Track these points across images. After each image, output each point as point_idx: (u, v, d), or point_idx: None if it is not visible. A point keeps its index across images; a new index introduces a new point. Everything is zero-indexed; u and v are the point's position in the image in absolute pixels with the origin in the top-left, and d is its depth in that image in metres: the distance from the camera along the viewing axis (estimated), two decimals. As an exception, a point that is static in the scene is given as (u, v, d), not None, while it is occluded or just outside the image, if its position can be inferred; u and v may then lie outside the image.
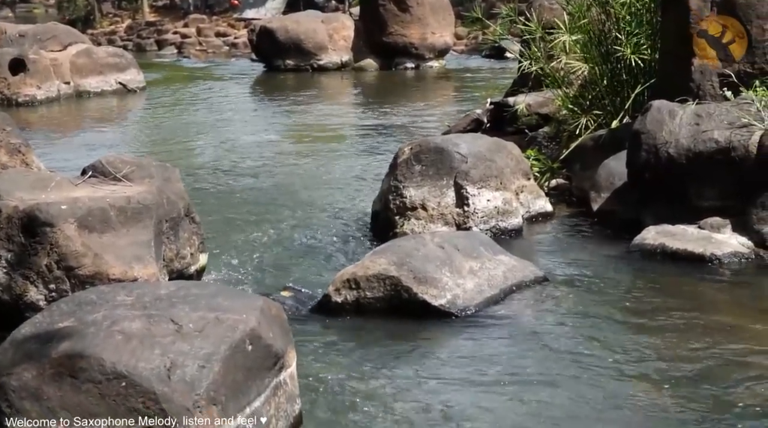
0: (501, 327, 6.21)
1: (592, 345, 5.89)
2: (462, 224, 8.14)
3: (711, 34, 8.45)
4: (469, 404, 5.15)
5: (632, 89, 9.71)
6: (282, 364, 4.67)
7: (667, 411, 5.00)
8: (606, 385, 5.33)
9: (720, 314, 6.47)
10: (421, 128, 14.23)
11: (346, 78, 21.50)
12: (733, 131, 7.66)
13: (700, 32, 8.47)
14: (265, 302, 4.75)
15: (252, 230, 8.63)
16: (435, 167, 8.26)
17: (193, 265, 6.92)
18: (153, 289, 4.74)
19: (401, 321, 6.29)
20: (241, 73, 22.36)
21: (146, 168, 6.93)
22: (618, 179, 8.53)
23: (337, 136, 14.27)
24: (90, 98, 18.61)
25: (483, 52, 24.49)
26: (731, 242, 7.47)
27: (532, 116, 11.05)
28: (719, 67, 8.52)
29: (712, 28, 8.36)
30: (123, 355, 4.10)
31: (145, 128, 15.77)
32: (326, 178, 10.97)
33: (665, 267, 7.29)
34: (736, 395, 5.15)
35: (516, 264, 7.02)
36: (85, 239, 6.04)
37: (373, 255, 6.73)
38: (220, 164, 11.90)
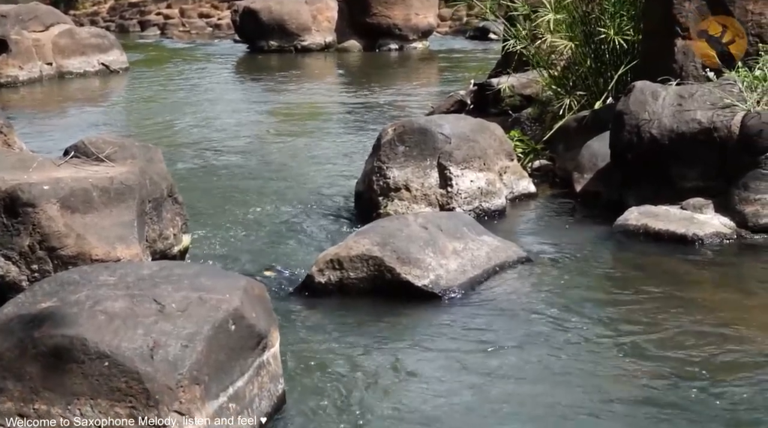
0: (484, 307, 6.23)
1: (574, 324, 5.92)
2: (445, 204, 8.15)
3: (711, 34, 8.44)
4: (453, 382, 5.17)
5: (615, 70, 9.71)
6: (265, 344, 4.68)
7: (648, 387, 5.02)
8: (589, 363, 5.36)
9: (701, 293, 6.51)
10: (405, 109, 14.21)
11: (329, 59, 21.45)
12: (716, 111, 7.68)
13: (699, 32, 8.47)
14: (249, 283, 4.75)
15: (235, 211, 8.62)
16: (418, 147, 8.26)
17: (177, 246, 6.91)
18: (136, 269, 4.73)
19: (384, 302, 6.30)
20: (225, 54, 22.28)
21: (129, 149, 6.90)
22: (601, 159, 8.55)
23: (321, 117, 14.25)
24: (72, 79, 18.52)
25: (467, 34, 24.45)
26: (713, 222, 7.50)
27: (515, 97, 11.04)
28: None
29: (712, 28, 8.36)
30: (106, 335, 4.10)
31: (128, 108, 15.72)
32: (310, 159, 10.96)
33: (648, 248, 7.32)
34: (717, 371, 5.19)
35: (499, 245, 7.04)
36: (68, 220, 6.03)
37: (357, 236, 6.73)
38: (203, 145, 11.87)
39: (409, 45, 22.09)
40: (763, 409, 4.81)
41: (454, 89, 13.23)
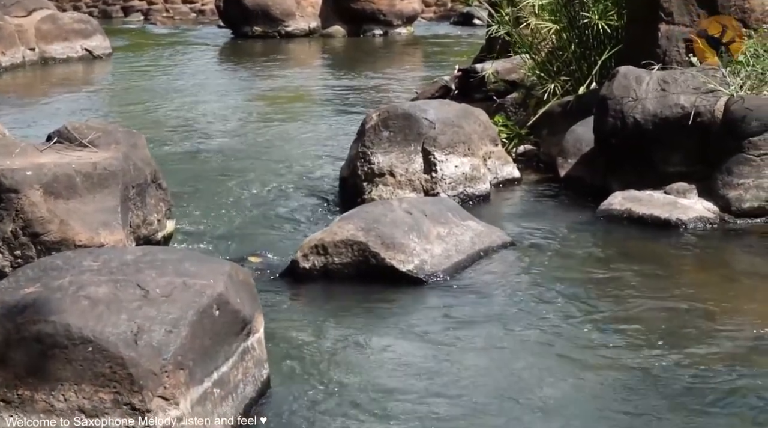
0: (468, 292, 6.25)
1: (558, 308, 5.95)
2: (430, 190, 8.16)
3: (711, 34, 8.44)
4: (436, 366, 5.18)
5: (599, 55, 9.71)
6: (250, 329, 4.68)
7: (630, 371, 5.05)
8: (572, 347, 5.39)
9: (684, 277, 6.55)
10: (389, 94, 14.20)
11: (314, 45, 21.40)
12: (699, 96, 7.70)
13: (699, 32, 8.47)
14: (233, 268, 4.75)
15: (220, 196, 8.61)
16: (403, 133, 8.26)
17: (160, 231, 6.89)
18: (119, 254, 4.72)
19: (369, 287, 6.30)
20: (208, 40, 22.19)
21: (112, 134, 6.87)
22: (585, 144, 8.56)
23: (305, 102, 14.23)
24: (55, 65, 18.42)
25: (451, 19, 24.44)
26: (697, 207, 7.52)
27: (499, 83, 11.04)
28: (687, 34, 8.55)
29: (712, 28, 8.36)
30: (89, 320, 4.09)
31: (112, 94, 15.65)
32: (294, 144, 10.95)
33: (631, 232, 7.35)
34: (698, 354, 5.22)
35: (484, 230, 7.05)
36: (51, 205, 6.01)
37: (341, 221, 6.73)
38: (187, 130, 11.84)
39: (393, 30, 22.05)
40: (732, 387, 4.88)
41: (439, 75, 13.22)
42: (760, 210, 7.44)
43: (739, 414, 4.65)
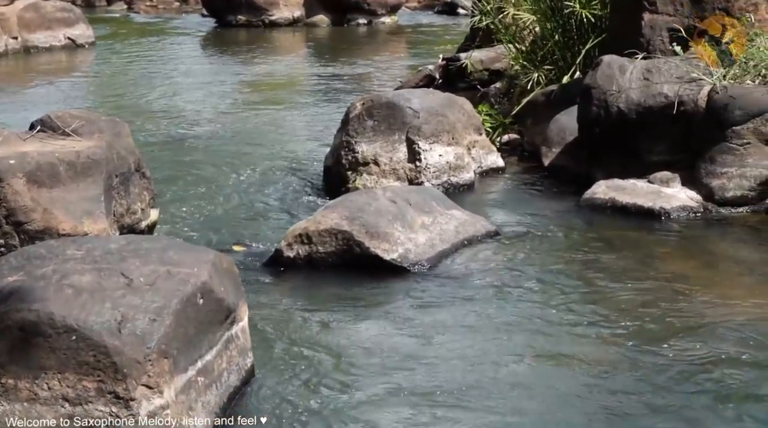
0: (452, 280, 6.26)
1: (541, 296, 5.97)
2: (414, 179, 8.16)
3: (711, 34, 8.44)
4: (420, 353, 5.19)
5: (583, 45, 9.73)
6: (234, 318, 4.68)
7: (612, 361, 5.07)
8: (555, 335, 5.41)
9: (667, 266, 6.57)
10: (374, 83, 14.19)
11: (298, 34, 21.36)
12: (683, 85, 7.72)
13: (699, 32, 8.47)
14: (217, 256, 4.74)
15: (204, 185, 8.59)
16: (387, 122, 8.26)
17: (144, 220, 6.87)
18: (103, 243, 4.71)
19: (353, 276, 6.31)
20: (192, 29, 22.12)
21: (96, 123, 6.85)
22: (569, 133, 8.58)
23: (289, 91, 14.20)
24: (38, 53, 18.34)
25: (435, 9, 24.43)
26: (680, 196, 7.55)
27: (483, 72, 11.05)
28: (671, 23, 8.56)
29: (713, 28, 8.37)
30: (73, 309, 4.08)
31: (95, 83, 15.60)
32: (278, 133, 10.93)
33: (615, 221, 7.37)
34: (682, 344, 5.25)
35: (468, 219, 7.06)
36: (35, 194, 5.99)
37: (325, 210, 6.73)
38: (171, 119, 11.80)
39: (377, 20, 22.03)
40: (711, 373, 4.93)
41: (423, 64, 13.21)
42: (743, 199, 7.47)
43: (717, 398, 4.68)
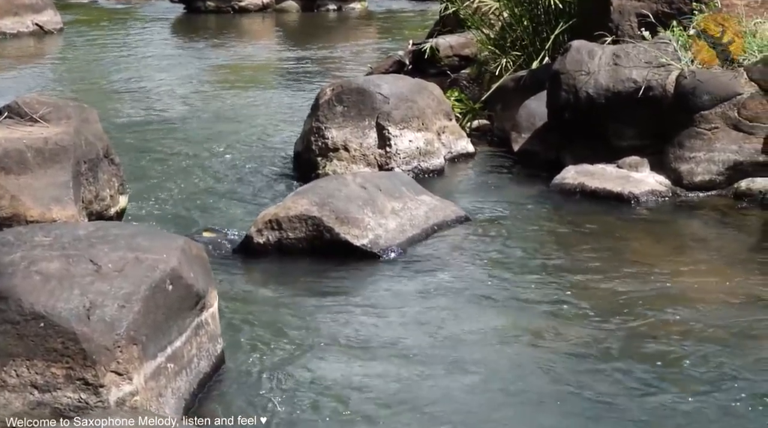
0: (422, 266, 6.27)
1: (511, 282, 6.00)
2: (384, 164, 8.17)
3: (710, 34, 8.45)
4: (390, 340, 5.21)
5: (552, 30, 9.75)
6: (203, 304, 4.67)
7: (583, 346, 5.11)
8: (524, 321, 5.44)
9: (636, 250, 6.61)
10: (343, 69, 14.16)
11: (267, 20, 21.28)
12: (651, 70, 7.75)
13: (699, 33, 8.48)
14: (186, 242, 4.73)
15: (173, 172, 8.56)
16: (357, 108, 8.26)
17: (113, 207, 6.84)
18: (71, 230, 4.69)
19: (323, 261, 6.31)
20: (161, 15, 21.97)
21: (63, 109, 6.80)
22: (538, 119, 8.60)
23: (259, 76, 14.15)
24: (6, 40, 18.17)
25: (405, -6, 24.38)
26: (649, 180, 7.59)
27: (453, 58, 11.05)
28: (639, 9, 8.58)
29: (712, 28, 8.38)
30: (41, 295, 4.06)
31: (63, 69, 15.48)
32: (248, 119, 10.89)
33: (584, 206, 7.40)
34: (649, 326, 5.31)
35: (438, 204, 7.07)
36: (2, 181, 5.95)
37: (295, 196, 6.72)
38: (140, 105, 11.74)
39: (347, 6, 21.95)
40: (679, 353, 4.99)
41: (393, 50, 13.21)
42: (711, 183, 7.51)
43: (685, 379, 4.73)
